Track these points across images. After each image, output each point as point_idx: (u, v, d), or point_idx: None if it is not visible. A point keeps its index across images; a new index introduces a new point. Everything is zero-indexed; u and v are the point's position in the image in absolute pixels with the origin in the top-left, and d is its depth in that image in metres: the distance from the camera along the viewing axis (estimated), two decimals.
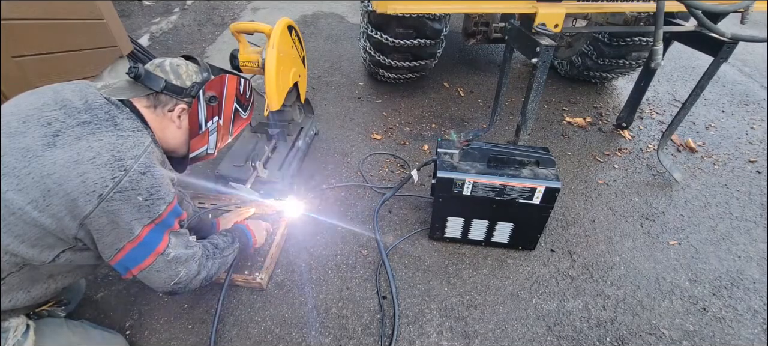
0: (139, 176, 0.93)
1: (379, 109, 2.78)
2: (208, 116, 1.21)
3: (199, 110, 1.17)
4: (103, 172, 0.88)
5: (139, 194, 0.93)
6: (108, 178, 0.88)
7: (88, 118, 0.95)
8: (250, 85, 1.43)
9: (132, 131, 0.98)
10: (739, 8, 1.57)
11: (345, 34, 4.01)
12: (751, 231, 1.90)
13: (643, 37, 2.58)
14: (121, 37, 2.46)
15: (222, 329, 1.42)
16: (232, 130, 1.37)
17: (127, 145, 0.94)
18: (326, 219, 1.87)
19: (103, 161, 0.89)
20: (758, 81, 3.39)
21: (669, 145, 2.49)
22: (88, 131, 0.92)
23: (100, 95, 1.02)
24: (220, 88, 1.23)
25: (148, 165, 0.96)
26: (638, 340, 1.45)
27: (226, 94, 1.26)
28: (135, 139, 0.97)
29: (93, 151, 0.89)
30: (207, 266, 1.17)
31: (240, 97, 1.34)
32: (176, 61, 1.17)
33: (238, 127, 1.40)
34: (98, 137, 0.92)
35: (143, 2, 4.59)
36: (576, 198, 2.06)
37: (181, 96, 1.12)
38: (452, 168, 1.53)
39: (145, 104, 1.09)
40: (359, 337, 1.42)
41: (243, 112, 1.40)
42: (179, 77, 1.13)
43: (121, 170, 0.90)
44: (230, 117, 1.32)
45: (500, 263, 1.70)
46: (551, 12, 1.61)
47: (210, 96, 1.18)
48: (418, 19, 2.30)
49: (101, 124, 0.95)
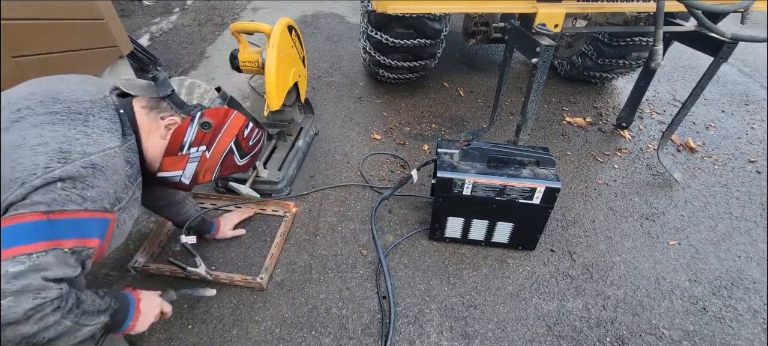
0: (78, 168, 0.83)
1: (379, 109, 2.78)
2: (195, 142, 1.13)
3: (188, 130, 1.10)
4: (39, 159, 0.80)
5: (62, 181, 0.81)
6: (40, 166, 0.80)
7: (59, 109, 0.89)
8: (260, 137, 1.33)
9: (101, 130, 0.91)
10: (739, 8, 1.57)
11: (345, 34, 4.01)
12: (751, 231, 1.90)
13: (643, 37, 2.58)
14: (121, 37, 2.46)
15: (222, 329, 1.42)
16: (219, 171, 1.26)
17: (85, 141, 0.87)
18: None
19: (46, 150, 0.81)
20: (758, 81, 3.39)
21: (669, 145, 2.49)
22: (49, 121, 0.86)
23: (97, 90, 0.99)
24: (221, 120, 1.16)
25: (95, 163, 0.86)
26: (638, 340, 1.45)
27: (225, 129, 1.18)
28: (97, 138, 0.89)
29: (41, 139, 0.82)
30: (46, 320, 0.81)
31: (241, 140, 1.25)
32: (200, 83, 1.15)
33: (228, 170, 1.29)
34: (56, 128, 0.85)
35: (143, 2, 4.59)
36: (576, 198, 2.06)
37: (180, 110, 1.09)
38: (452, 168, 1.53)
39: (142, 104, 1.07)
40: (359, 337, 1.42)
41: (239, 158, 1.29)
42: (190, 94, 1.11)
43: (59, 162, 0.81)
44: (221, 155, 1.22)
45: (500, 263, 1.70)
46: (551, 12, 1.61)
47: (205, 121, 1.12)
48: (418, 19, 2.30)
49: (68, 117, 0.88)
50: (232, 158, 1.27)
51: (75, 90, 0.96)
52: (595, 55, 2.81)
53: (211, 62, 3.40)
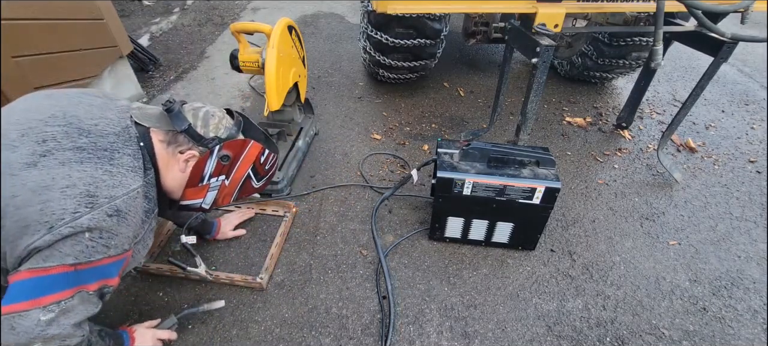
0: (104, 216, 0.86)
1: (379, 109, 2.78)
2: (215, 173, 1.16)
3: (207, 163, 1.12)
4: (68, 204, 0.82)
5: (89, 232, 0.84)
6: (69, 211, 0.81)
7: (85, 143, 0.89)
8: (275, 161, 1.37)
9: (125, 169, 0.92)
10: (739, 8, 1.57)
11: (345, 34, 4.01)
12: (751, 231, 1.90)
13: (643, 37, 2.58)
14: (121, 37, 2.46)
15: (222, 329, 1.42)
16: (236, 195, 1.30)
17: (110, 183, 0.88)
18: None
19: (74, 193, 0.83)
20: (758, 81, 3.39)
21: (669, 145, 2.49)
22: (77, 159, 0.86)
23: (119, 119, 0.98)
24: (238, 151, 1.18)
25: (119, 209, 0.88)
26: (638, 340, 1.45)
27: (243, 158, 1.21)
28: (122, 179, 0.91)
29: (69, 180, 0.83)
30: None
31: (258, 166, 1.28)
32: (213, 111, 1.15)
33: (245, 193, 1.33)
34: (84, 168, 0.86)
35: (143, 2, 4.59)
36: (576, 198, 2.06)
37: (197, 143, 1.09)
38: (452, 168, 1.53)
39: (160, 138, 1.06)
40: (359, 337, 1.42)
41: (255, 181, 1.32)
42: (206, 126, 1.11)
43: (87, 206, 0.83)
44: (239, 182, 1.26)
45: (500, 263, 1.70)
46: (551, 12, 1.61)
47: (224, 155, 1.14)
48: (418, 19, 2.30)
49: (95, 155, 0.89)
50: (249, 182, 1.30)
51: (97, 119, 0.95)
52: (595, 55, 2.81)
53: (211, 62, 3.40)
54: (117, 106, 1.02)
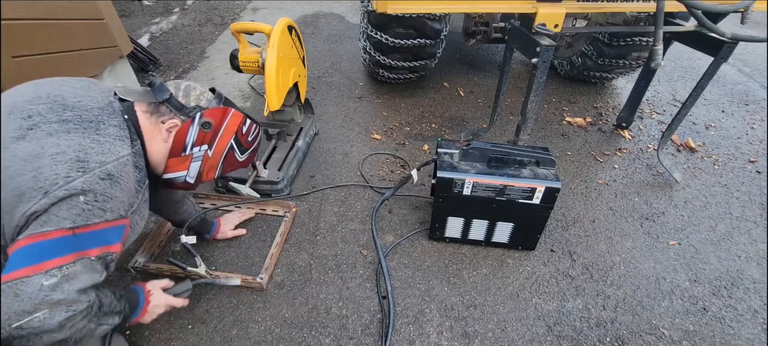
0: (97, 179, 0.88)
1: (379, 109, 2.78)
2: (197, 142, 1.17)
3: (189, 131, 1.14)
4: (60, 169, 0.84)
5: (84, 195, 0.86)
6: (62, 175, 0.84)
7: (70, 116, 0.91)
8: (258, 133, 1.39)
9: (112, 139, 0.94)
10: (739, 8, 1.57)
11: (345, 34, 4.01)
12: (751, 231, 1.90)
13: (643, 37, 2.58)
14: (121, 37, 2.46)
15: (222, 329, 1.43)
16: (221, 168, 1.30)
17: (99, 149, 0.90)
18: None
19: (65, 159, 0.85)
20: (758, 81, 3.39)
21: (669, 145, 2.49)
22: (64, 129, 0.88)
23: (102, 97, 1.01)
24: (219, 119, 1.20)
25: (111, 173, 0.90)
26: (638, 340, 1.45)
27: (225, 127, 1.23)
28: (111, 146, 0.93)
29: (58, 148, 0.86)
30: (76, 326, 0.89)
31: (240, 137, 1.29)
32: (195, 86, 1.18)
33: (230, 167, 1.34)
34: (71, 137, 0.88)
35: (143, 2, 4.59)
36: (576, 198, 2.07)
37: (179, 112, 1.12)
38: (452, 168, 1.53)
39: (143, 109, 1.09)
40: (359, 337, 1.42)
41: (239, 154, 1.34)
42: (187, 96, 1.14)
43: (79, 171, 0.85)
44: (222, 152, 1.26)
45: (500, 263, 1.70)
46: (551, 12, 1.61)
47: (205, 121, 1.16)
48: (418, 19, 2.30)
49: (81, 126, 0.91)
50: (233, 155, 1.31)
51: (81, 96, 0.98)
52: (595, 55, 2.81)
53: (211, 62, 3.40)
54: (100, 87, 1.05)
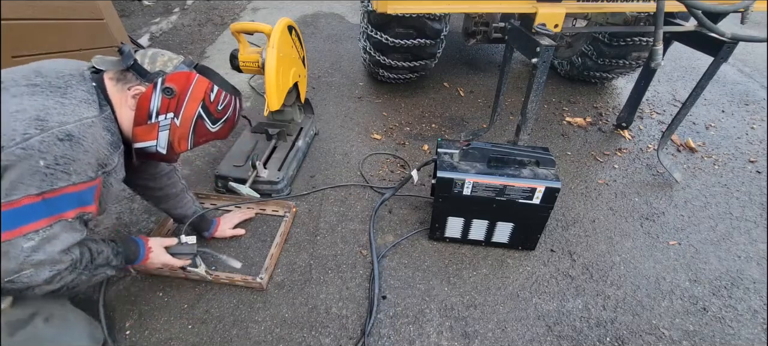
0: (55, 140, 0.88)
1: (379, 109, 2.78)
2: (161, 109, 1.12)
3: (152, 97, 1.09)
4: (17, 125, 0.85)
5: (43, 158, 0.86)
6: (19, 132, 0.85)
7: (39, 81, 0.94)
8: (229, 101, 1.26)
9: (78, 101, 0.95)
10: (739, 8, 1.57)
11: (345, 34, 4.01)
12: (751, 231, 1.90)
13: (643, 37, 2.58)
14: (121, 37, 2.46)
15: (222, 329, 1.42)
16: (192, 139, 1.22)
17: (62, 111, 0.91)
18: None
19: (23, 117, 0.86)
20: (758, 81, 3.39)
21: (669, 145, 2.49)
22: (29, 92, 0.90)
23: (77, 66, 1.04)
24: (182, 84, 1.13)
25: (71, 133, 0.90)
26: (638, 340, 1.45)
27: (190, 94, 1.15)
28: (74, 108, 0.93)
29: (20, 106, 0.87)
30: (65, 279, 0.99)
31: (208, 104, 1.19)
32: (164, 53, 1.16)
33: (202, 138, 1.25)
34: (35, 98, 0.90)
35: (143, 2, 4.59)
36: (576, 198, 2.06)
37: (143, 79, 1.10)
38: (452, 168, 1.53)
39: (110, 76, 1.09)
40: (359, 337, 1.42)
41: (210, 124, 1.23)
42: (152, 63, 1.12)
43: (36, 129, 0.86)
44: (190, 121, 1.18)
45: (500, 263, 1.70)
46: (551, 12, 1.61)
47: (166, 87, 1.10)
48: (418, 19, 2.30)
49: (48, 89, 0.93)
50: (203, 124, 1.22)
51: (58, 66, 1.01)
52: (595, 55, 2.81)
53: (211, 62, 3.40)
54: (78, 62, 1.08)
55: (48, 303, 1.16)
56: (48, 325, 1.14)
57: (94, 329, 1.31)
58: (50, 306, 1.17)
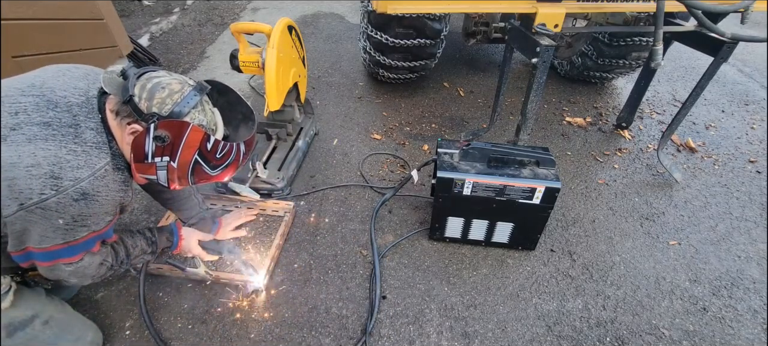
0: (70, 201, 0.90)
1: (379, 109, 2.78)
2: (157, 153, 1.05)
3: (146, 140, 1.02)
4: (33, 183, 0.86)
5: (61, 217, 0.91)
6: (36, 192, 0.86)
7: (51, 118, 0.91)
8: (231, 149, 1.16)
9: (89, 147, 0.94)
10: (739, 8, 1.57)
11: (345, 34, 4.01)
12: (751, 231, 1.90)
13: (643, 37, 2.58)
14: (121, 37, 2.46)
15: (222, 329, 1.42)
16: (192, 179, 1.17)
17: (74, 163, 0.90)
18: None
19: (39, 173, 0.86)
20: (758, 81, 3.39)
21: (669, 145, 2.49)
22: (42, 136, 0.89)
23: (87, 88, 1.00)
24: (176, 133, 1.04)
25: (86, 192, 0.92)
26: (638, 340, 1.45)
27: (184, 143, 1.07)
28: (87, 159, 0.93)
29: (35, 158, 0.87)
30: (106, 275, 1.17)
31: (205, 153, 1.12)
32: (166, 83, 1.04)
33: (202, 180, 1.20)
34: (49, 145, 0.89)
35: (143, 2, 4.59)
36: (576, 198, 2.06)
37: (139, 117, 1.00)
38: (452, 168, 1.53)
39: (111, 107, 1.02)
40: (359, 337, 1.42)
41: (209, 169, 1.16)
42: (150, 99, 1.00)
43: (52, 189, 0.87)
44: (187, 167, 1.12)
45: (500, 263, 1.70)
46: (551, 12, 1.61)
47: (158, 135, 1.01)
48: (418, 19, 2.30)
49: (60, 131, 0.91)
50: (201, 169, 1.15)
51: (67, 89, 0.98)
52: (595, 55, 2.81)
53: (211, 62, 3.40)
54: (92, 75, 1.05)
55: (48, 305, 1.20)
56: (47, 327, 1.16)
57: (94, 332, 1.31)
58: (50, 308, 1.19)
